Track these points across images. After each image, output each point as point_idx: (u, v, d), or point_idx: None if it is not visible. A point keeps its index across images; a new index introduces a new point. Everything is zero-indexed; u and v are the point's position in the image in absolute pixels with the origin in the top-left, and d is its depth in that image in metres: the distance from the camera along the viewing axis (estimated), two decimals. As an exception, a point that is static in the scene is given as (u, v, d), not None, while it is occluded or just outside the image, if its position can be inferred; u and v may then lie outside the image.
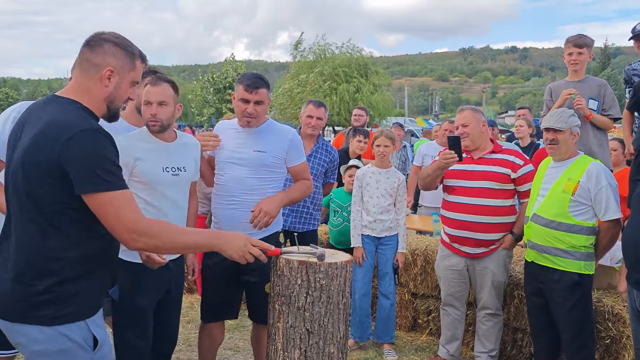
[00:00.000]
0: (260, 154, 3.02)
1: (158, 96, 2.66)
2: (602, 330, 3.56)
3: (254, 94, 2.96)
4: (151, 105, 2.66)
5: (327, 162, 4.21)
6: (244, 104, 2.96)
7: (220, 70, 39.91)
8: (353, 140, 5.59)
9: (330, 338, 2.47)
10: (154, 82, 2.67)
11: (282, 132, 3.15)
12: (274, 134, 3.10)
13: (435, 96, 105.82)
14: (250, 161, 3.00)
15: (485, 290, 3.71)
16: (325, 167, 4.21)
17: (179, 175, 2.76)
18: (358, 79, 30.19)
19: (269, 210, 2.89)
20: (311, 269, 2.41)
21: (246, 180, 2.98)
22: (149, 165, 2.62)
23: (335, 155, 4.31)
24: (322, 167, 4.18)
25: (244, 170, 3.00)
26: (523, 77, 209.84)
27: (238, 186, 2.99)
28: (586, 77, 4.33)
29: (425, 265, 4.45)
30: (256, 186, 2.98)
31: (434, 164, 3.75)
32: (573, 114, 3.33)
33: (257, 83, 2.97)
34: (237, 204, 2.98)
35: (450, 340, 3.90)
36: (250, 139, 3.05)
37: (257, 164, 3.02)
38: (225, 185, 3.03)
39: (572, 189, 3.18)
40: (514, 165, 3.60)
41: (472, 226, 3.61)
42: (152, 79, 2.67)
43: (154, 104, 2.66)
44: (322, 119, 4.21)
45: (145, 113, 2.68)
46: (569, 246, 3.19)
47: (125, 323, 2.71)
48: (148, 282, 2.71)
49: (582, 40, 4.23)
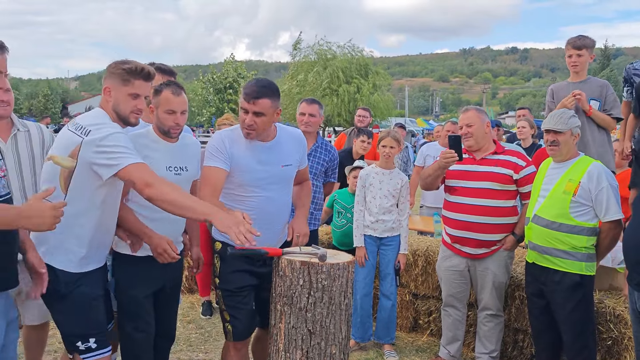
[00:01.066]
0: (288, 167, 2.98)
1: (182, 105, 2.77)
2: (604, 332, 3.56)
3: (251, 104, 2.75)
4: (175, 114, 2.74)
5: (326, 160, 4.18)
6: (244, 114, 2.79)
7: (221, 70, 39.93)
8: (357, 141, 5.60)
9: (332, 339, 2.47)
10: (176, 92, 2.75)
11: (295, 139, 3.07)
12: (289, 143, 3.02)
13: (436, 97, 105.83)
14: (278, 177, 2.93)
15: (486, 291, 3.70)
16: (325, 166, 4.18)
17: (181, 175, 2.82)
18: (358, 79, 30.20)
19: (302, 231, 2.98)
20: (313, 269, 2.41)
21: (279, 199, 2.96)
22: (154, 164, 2.61)
23: (335, 154, 4.28)
24: (322, 166, 4.16)
25: (275, 188, 2.92)
26: (523, 78, 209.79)
27: (271, 206, 2.91)
28: (588, 78, 4.33)
29: (426, 265, 4.45)
30: (280, 201, 2.97)
31: (435, 164, 3.76)
32: (573, 115, 3.33)
33: (257, 92, 2.75)
34: (269, 222, 2.90)
35: (451, 341, 3.89)
36: (272, 154, 2.92)
37: (285, 178, 2.99)
38: (257, 208, 2.85)
39: (573, 189, 3.18)
40: (516, 166, 3.60)
41: (473, 227, 3.61)
42: (173, 89, 2.76)
43: (177, 113, 2.74)
44: (315, 115, 4.13)
45: (167, 121, 2.74)
46: (570, 247, 3.19)
47: (123, 315, 2.79)
48: (142, 273, 2.78)
49: (580, 41, 4.22)
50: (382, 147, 4.20)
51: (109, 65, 2.56)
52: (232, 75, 37.12)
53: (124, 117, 2.53)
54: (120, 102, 2.51)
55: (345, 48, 31.64)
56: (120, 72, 2.49)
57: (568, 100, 4.12)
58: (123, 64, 2.51)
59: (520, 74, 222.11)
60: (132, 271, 2.78)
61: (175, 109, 2.74)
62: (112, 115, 2.53)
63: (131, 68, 2.49)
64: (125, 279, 2.78)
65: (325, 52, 31.31)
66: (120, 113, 2.52)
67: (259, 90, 2.76)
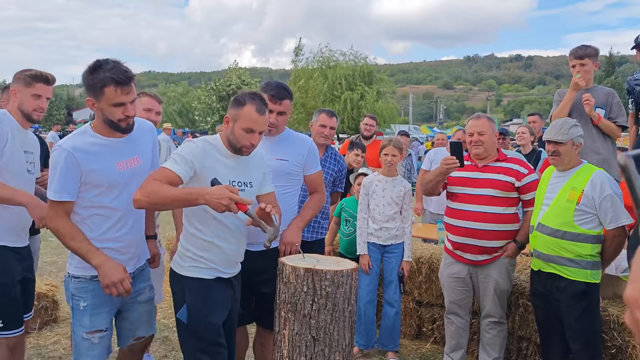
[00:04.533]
0: (282, 162, 3.07)
1: (263, 125, 2.60)
2: (608, 340, 3.54)
3: (278, 104, 3.06)
4: (254, 133, 2.56)
5: (335, 171, 4.16)
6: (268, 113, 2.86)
7: (224, 77, 40.01)
8: (350, 154, 5.60)
9: (336, 346, 2.47)
10: (261, 111, 2.56)
11: (301, 140, 3.20)
12: (294, 142, 3.16)
13: (440, 104, 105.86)
14: (272, 169, 2.98)
15: (488, 298, 3.70)
16: (333, 176, 4.17)
17: (244, 191, 2.65)
18: (362, 86, 30.25)
19: (292, 241, 2.96)
20: (317, 276, 2.42)
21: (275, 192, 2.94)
22: (218, 178, 2.51)
23: (344, 164, 4.28)
24: (331, 176, 4.14)
25: None
26: (527, 85, 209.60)
27: None
28: (594, 86, 4.33)
29: (429, 273, 4.45)
30: (278, 194, 2.95)
31: (436, 170, 3.77)
32: (575, 125, 3.33)
33: (281, 94, 3.06)
34: None
35: (455, 348, 3.89)
36: (271, 147, 3.07)
37: (279, 172, 3.05)
38: None
39: (577, 198, 3.18)
40: (518, 174, 3.61)
41: (475, 233, 3.61)
42: (259, 106, 2.55)
43: (256, 133, 2.57)
44: (334, 128, 4.23)
45: (243, 139, 2.56)
46: (575, 255, 3.19)
47: (199, 345, 2.57)
48: (217, 297, 2.62)
49: (582, 51, 4.23)
50: (384, 155, 4.21)
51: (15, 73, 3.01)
52: (236, 82, 37.20)
53: (28, 115, 2.97)
54: (24, 102, 2.95)
55: (348, 55, 31.74)
56: (24, 77, 2.95)
57: (578, 77, 4.11)
58: (27, 71, 3.00)
59: (525, 82, 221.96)
60: (208, 295, 2.59)
61: (255, 128, 2.55)
62: (18, 113, 2.95)
63: (33, 74, 2.96)
64: (201, 304, 2.56)
65: (327, 59, 31.39)
66: (24, 111, 2.96)
67: (282, 92, 3.07)
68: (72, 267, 2.58)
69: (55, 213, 2.48)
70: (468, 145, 3.75)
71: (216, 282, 2.62)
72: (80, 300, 2.56)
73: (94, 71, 2.40)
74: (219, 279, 2.63)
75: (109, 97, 2.41)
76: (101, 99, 2.42)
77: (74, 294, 2.57)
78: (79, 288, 2.56)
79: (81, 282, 2.56)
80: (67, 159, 2.42)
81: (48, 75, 3.04)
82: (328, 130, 4.17)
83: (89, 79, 2.42)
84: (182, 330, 2.63)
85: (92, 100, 2.46)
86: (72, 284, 2.58)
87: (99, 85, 2.39)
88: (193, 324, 2.57)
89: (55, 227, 2.49)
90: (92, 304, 2.56)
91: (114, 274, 2.47)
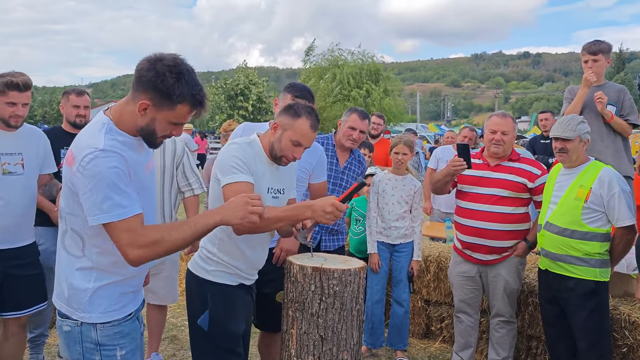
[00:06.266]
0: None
1: (311, 141, 2.52)
2: (619, 339, 3.52)
3: (312, 104, 2.95)
4: (301, 147, 2.49)
5: (358, 174, 3.99)
6: None
7: (233, 77, 40.07)
8: None
9: (344, 345, 2.47)
10: (315, 127, 2.49)
11: (313, 148, 3.00)
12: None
13: (448, 102, 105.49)
14: None
15: (498, 297, 3.68)
16: (356, 179, 3.96)
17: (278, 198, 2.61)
18: (369, 84, 30.21)
19: (289, 249, 2.95)
20: (325, 275, 2.42)
21: None
22: (256, 184, 2.45)
23: (365, 165, 4.12)
24: (354, 179, 3.93)
25: None
26: (536, 83, 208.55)
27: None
28: (606, 83, 4.28)
29: (438, 272, 4.44)
30: None
31: (444, 170, 3.74)
32: (582, 121, 3.29)
33: (306, 96, 3.02)
34: None
35: (464, 347, 3.87)
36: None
37: None
38: None
39: (585, 196, 3.15)
40: (531, 175, 3.58)
41: (485, 233, 3.59)
42: (313, 121, 2.48)
43: (303, 148, 2.51)
44: (365, 132, 3.85)
45: (289, 151, 2.48)
46: (584, 254, 3.16)
47: (217, 353, 2.49)
48: (239, 306, 2.54)
49: (596, 47, 4.18)
50: (394, 153, 4.19)
51: None
52: (244, 82, 37.25)
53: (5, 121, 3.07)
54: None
55: (355, 54, 31.70)
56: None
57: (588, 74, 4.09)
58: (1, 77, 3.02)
59: (533, 79, 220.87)
60: (231, 303, 2.50)
61: (304, 143, 2.47)
62: None
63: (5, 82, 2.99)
64: (223, 311, 2.47)
65: (336, 58, 31.37)
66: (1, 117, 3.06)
67: (307, 94, 3.06)
68: (96, 316, 1.98)
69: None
70: (488, 142, 3.65)
71: (239, 289, 2.55)
72: (115, 349, 2.02)
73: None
74: (241, 286, 2.57)
75: None
76: None
77: (104, 343, 2.00)
78: (112, 335, 2.02)
79: (114, 327, 2.01)
80: None
81: (19, 82, 3.05)
82: (358, 133, 3.79)
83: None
84: (199, 336, 2.53)
85: None
86: (101, 332, 2.00)
87: None
88: (214, 332, 2.46)
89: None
90: (132, 349, 2.07)
91: (237, 208, 2.00)
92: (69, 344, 2.01)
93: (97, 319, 1.98)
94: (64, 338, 2.02)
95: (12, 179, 3.10)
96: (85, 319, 1.97)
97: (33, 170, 3.24)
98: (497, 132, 3.61)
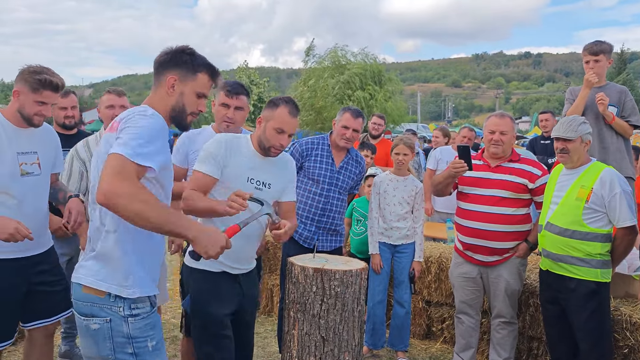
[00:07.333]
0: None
1: (293, 128, 2.70)
2: (620, 340, 3.51)
3: (235, 99, 3.20)
4: (284, 134, 2.67)
5: (356, 174, 3.94)
6: (225, 108, 3.20)
7: (234, 77, 40.11)
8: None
9: (345, 346, 2.47)
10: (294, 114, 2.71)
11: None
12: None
13: (448, 102, 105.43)
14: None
15: (499, 298, 3.68)
16: (354, 180, 3.95)
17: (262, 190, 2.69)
18: (372, 86, 30.19)
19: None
20: (326, 276, 2.42)
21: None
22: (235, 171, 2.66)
23: (364, 165, 4.06)
24: (352, 180, 3.91)
25: None
26: (537, 83, 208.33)
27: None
28: (607, 84, 4.28)
29: (439, 272, 4.44)
30: None
31: (445, 172, 3.74)
32: (584, 122, 3.29)
33: (238, 89, 3.22)
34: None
35: (465, 348, 3.87)
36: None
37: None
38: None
39: (586, 196, 3.15)
40: (531, 175, 3.58)
41: (486, 234, 3.59)
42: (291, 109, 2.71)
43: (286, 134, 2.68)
44: (359, 131, 3.82)
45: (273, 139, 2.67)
46: (585, 254, 3.16)
47: (201, 336, 2.63)
48: (220, 290, 2.66)
49: (597, 47, 4.18)
50: (395, 154, 4.20)
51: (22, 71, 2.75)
52: (245, 82, 37.32)
53: (28, 119, 2.77)
54: (25, 106, 2.74)
55: (357, 55, 31.67)
56: (32, 80, 2.71)
57: (590, 74, 4.08)
58: (35, 72, 2.73)
59: (534, 79, 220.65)
60: (212, 288, 2.64)
61: (286, 129, 2.66)
62: (16, 115, 2.76)
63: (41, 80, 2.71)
64: (205, 296, 2.63)
65: (339, 58, 31.33)
66: (25, 114, 2.75)
67: (239, 88, 3.27)
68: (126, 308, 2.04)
69: None
70: (487, 142, 3.66)
71: (222, 276, 2.67)
72: (147, 340, 2.08)
73: None
74: (225, 274, 2.68)
75: None
76: None
77: (136, 336, 2.06)
78: (143, 327, 2.08)
79: (144, 319, 2.09)
80: None
81: (58, 82, 2.78)
82: (351, 132, 3.75)
83: None
84: (194, 325, 2.71)
85: None
86: (132, 325, 2.05)
87: None
88: (195, 313, 2.66)
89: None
90: (160, 339, 2.16)
91: (210, 245, 2.01)
92: (97, 341, 2.02)
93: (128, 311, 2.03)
94: (90, 336, 2.03)
95: (30, 180, 2.83)
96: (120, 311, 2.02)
97: (48, 169, 2.99)
98: (495, 132, 3.61)
